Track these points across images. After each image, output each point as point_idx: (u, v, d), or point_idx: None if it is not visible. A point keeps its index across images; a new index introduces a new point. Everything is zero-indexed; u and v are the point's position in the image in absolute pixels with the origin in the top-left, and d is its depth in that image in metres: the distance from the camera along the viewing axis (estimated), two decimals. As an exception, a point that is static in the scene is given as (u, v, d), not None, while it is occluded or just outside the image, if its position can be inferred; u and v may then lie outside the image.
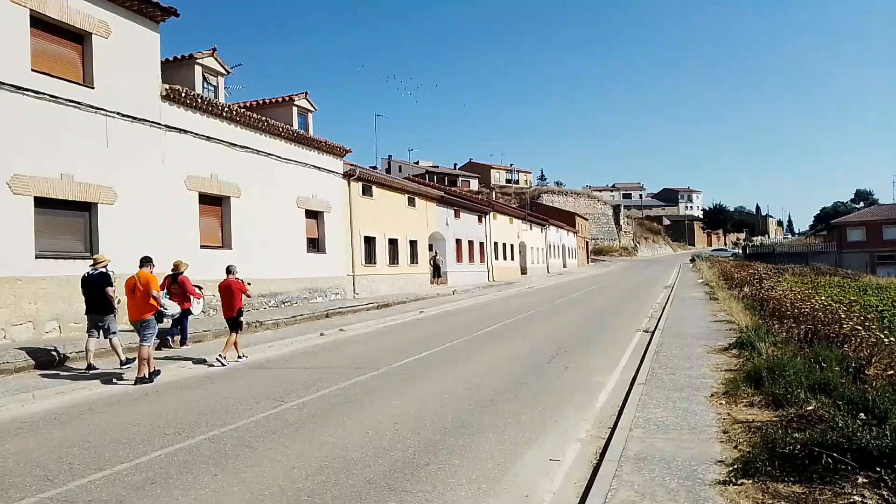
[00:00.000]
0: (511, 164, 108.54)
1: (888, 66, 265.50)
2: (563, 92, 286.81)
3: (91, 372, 10.03)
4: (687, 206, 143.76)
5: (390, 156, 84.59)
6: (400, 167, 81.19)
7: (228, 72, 18.31)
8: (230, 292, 11.54)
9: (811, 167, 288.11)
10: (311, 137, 21.52)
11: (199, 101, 16.36)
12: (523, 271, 49.89)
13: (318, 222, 22.26)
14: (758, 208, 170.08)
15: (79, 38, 13.64)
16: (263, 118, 18.88)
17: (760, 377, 7.87)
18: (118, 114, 14.11)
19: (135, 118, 14.55)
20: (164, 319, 11.55)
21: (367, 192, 25.45)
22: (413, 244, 29.73)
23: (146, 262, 10.24)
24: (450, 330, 15.94)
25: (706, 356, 10.62)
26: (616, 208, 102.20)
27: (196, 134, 16.48)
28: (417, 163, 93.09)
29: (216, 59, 17.76)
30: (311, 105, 22.50)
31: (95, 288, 10.38)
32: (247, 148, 18.42)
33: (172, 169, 15.67)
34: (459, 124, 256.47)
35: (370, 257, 25.56)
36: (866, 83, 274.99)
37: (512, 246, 47.17)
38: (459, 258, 36.17)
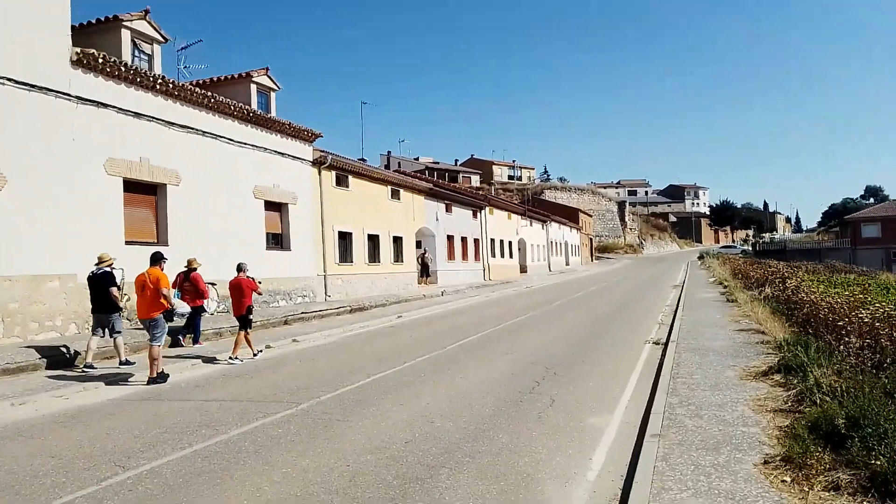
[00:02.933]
0: (514, 161, 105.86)
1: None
2: (568, 88, 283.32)
3: (90, 372, 9.86)
4: (693, 203, 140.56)
5: (389, 151, 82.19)
6: (399, 163, 78.70)
7: (166, 39, 15.68)
8: (240, 290, 11.28)
9: (819, 163, 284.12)
10: (271, 118, 18.88)
11: (124, 69, 13.74)
12: (523, 269, 47.21)
13: (281, 215, 19.63)
14: (765, 205, 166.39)
15: (-46, -14, 11.07)
16: (209, 94, 16.25)
17: (836, 431, 5.22)
18: (8, 80, 11.51)
19: (32, 86, 11.95)
20: (174, 318, 11.35)
21: (341, 182, 22.80)
22: (397, 241, 27.08)
23: (157, 259, 9.95)
24: (420, 342, 13.29)
25: (740, 384, 7.94)
26: (621, 205, 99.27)
27: (120, 109, 13.87)
28: (417, 159, 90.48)
29: (149, 23, 15.12)
30: (274, 83, 19.87)
31: (100, 287, 10.44)
32: (189, 128, 15.81)
33: (87, 150, 13.07)
34: (461, 121, 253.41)
35: (346, 255, 22.91)
36: (874, 78, 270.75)
37: (510, 243, 44.48)
38: (451, 256, 33.50)
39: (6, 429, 6.85)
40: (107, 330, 10.47)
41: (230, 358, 10.90)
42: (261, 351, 11.64)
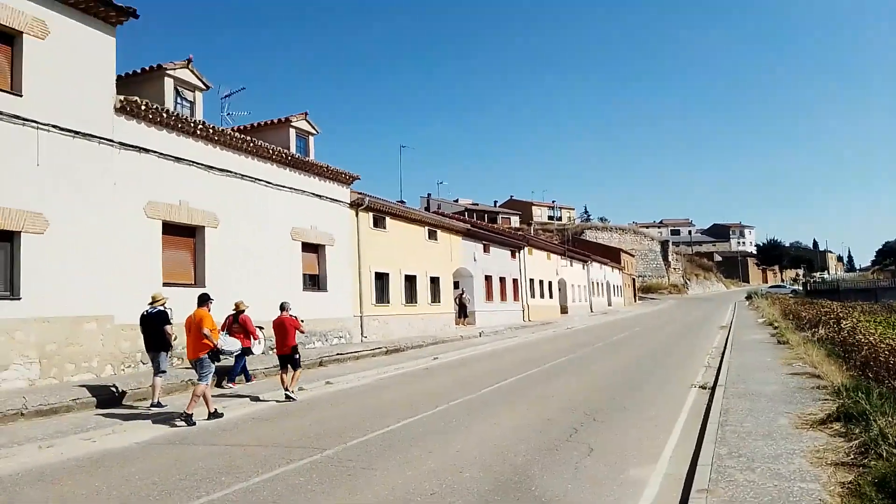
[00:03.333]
0: (553, 201, 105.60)
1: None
2: (607, 128, 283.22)
3: (158, 410, 10.10)
4: (739, 242, 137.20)
5: (429, 194, 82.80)
6: (439, 205, 79.24)
7: (208, 87, 16.08)
8: (284, 329, 11.59)
9: (870, 199, 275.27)
10: (309, 162, 19.10)
11: (165, 115, 14.09)
12: (563, 310, 46.36)
13: (318, 257, 19.67)
14: (815, 243, 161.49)
15: (7, 39, 11.54)
16: (248, 138, 16.53)
17: (908, 489, 4.68)
18: (54, 127, 11.87)
19: (77, 133, 12.29)
20: (222, 357, 11.15)
21: (378, 223, 22.84)
22: (434, 281, 26.87)
23: (204, 300, 10.21)
24: (454, 385, 12.91)
25: (795, 433, 7.35)
26: (664, 244, 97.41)
27: (161, 154, 14.16)
28: (457, 201, 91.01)
29: (192, 71, 15.56)
30: (313, 127, 20.17)
31: (154, 325, 10.69)
32: (228, 171, 16.05)
33: (128, 193, 13.32)
34: (500, 162, 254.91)
35: (382, 296, 22.78)
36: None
37: (550, 283, 43.83)
38: (490, 296, 33.10)
39: (30, 473, 6.75)
40: (154, 368, 10.72)
41: (287, 394, 11.32)
42: (300, 390, 11.93)
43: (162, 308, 10.88)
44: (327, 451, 7.33)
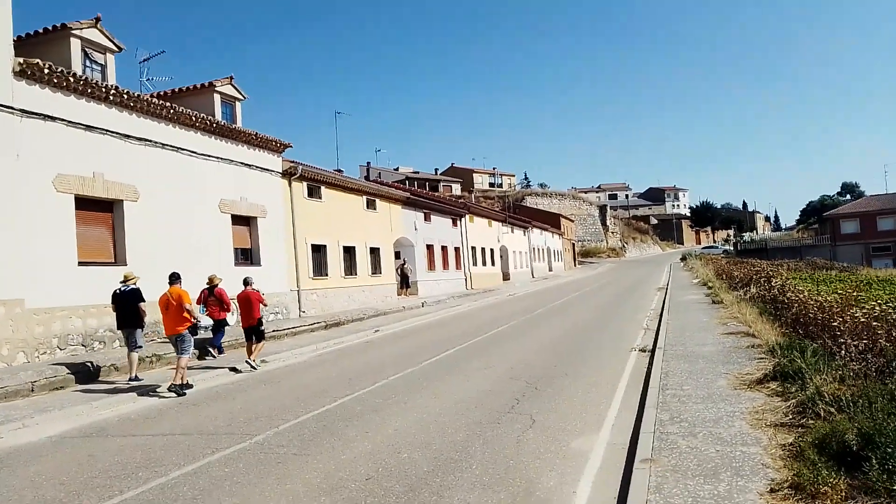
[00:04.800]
0: (494, 168, 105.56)
1: (871, 59, 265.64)
2: (545, 93, 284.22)
3: (134, 384, 10.29)
4: (674, 205, 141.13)
5: (369, 163, 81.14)
6: (379, 174, 77.99)
7: (120, 48, 14.87)
8: (249, 303, 12.10)
9: (795, 162, 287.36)
10: (236, 129, 18.10)
11: (72, 80, 12.94)
12: (505, 277, 46.61)
13: (250, 230, 18.84)
14: (745, 204, 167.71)
15: None
16: (168, 105, 15.45)
17: (848, 450, 4.62)
18: (-60, 93, 10.70)
19: (-32, 99, 11.13)
20: (199, 331, 11.65)
21: (313, 193, 22.06)
22: (375, 252, 26.34)
23: (175, 278, 10.53)
24: (394, 359, 12.59)
25: (734, 394, 7.35)
26: (602, 209, 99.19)
27: (70, 122, 13.04)
28: (397, 169, 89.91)
29: (101, 31, 14.32)
30: (239, 92, 19.12)
31: (128, 303, 10.81)
32: (147, 141, 15.00)
33: (33, 166, 12.22)
34: (440, 130, 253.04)
35: (320, 269, 22.12)
36: (850, 75, 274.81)
37: (492, 250, 43.87)
38: (432, 266, 32.80)
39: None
40: (128, 344, 10.90)
41: (249, 363, 11.84)
42: (262, 362, 12.36)
43: (134, 286, 11.04)
44: (257, 436, 6.88)
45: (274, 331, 16.68)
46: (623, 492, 4.72)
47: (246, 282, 12.55)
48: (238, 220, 18.18)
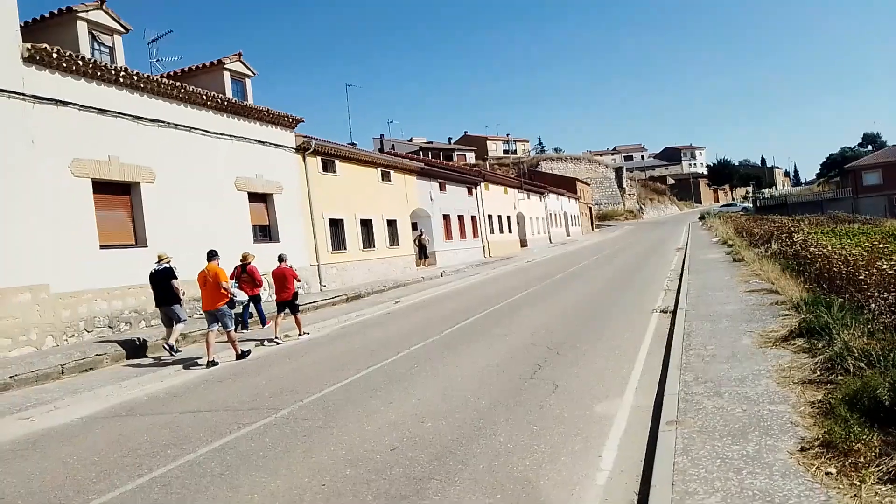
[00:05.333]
0: (508, 135, 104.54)
1: (890, 8, 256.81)
2: (557, 56, 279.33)
3: (177, 355, 10.93)
4: (691, 164, 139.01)
5: (382, 135, 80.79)
6: (393, 145, 77.66)
7: (127, 29, 14.77)
8: (284, 278, 12.76)
9: (814, 114, 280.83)
10: (247, 106, 18.03)
11: (81, 63, 12.91)
12: (523, 244, 46.47)
13: (267, 206, 18.88)
14: (763, 160, 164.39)
15: None
16: (178, 84, 15.39)
17: (881, 405, 4.54)
18: (-48, 82, 10.72)
19: (-20, 88, 11.15)
20: (235, 305, 12.11)
21: (328, 167, 22.00)
22: (392, 224, 26.32)
23: (213, 255, 10.95)
24: (416, 329, 12.64)
25: (760, 353, 7.26)
26: (618, 171, 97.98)
27: (82, 106, 13.05)
28: (411, 140, 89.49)
29: (107, 13, 14.22)
30: (248, 69, 18.98)
31: (162, 282, 11.38)
32: (160, 122, 14.99)
33: (49, 152, 12.28)
34: (452, 98, 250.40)
35: (338, 242, 22.18)
36: (867, 26, 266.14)
37: (508, 218, 43.69)
38: (449, 235, 32.76)
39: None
40: (170, 319, 11.37)
41: (290, 336, 12.72)
42: (305, 334, 12.99)
43: (168, 265, 11.54)
44: (282, 410, 6.95)
45: (298, 305, 16.80)
46: (650, 454, 4.69)
47: (281, 258, 13.28)
48: (255, 197, 18.21)
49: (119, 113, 13.92)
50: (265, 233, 18.76)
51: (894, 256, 9.62)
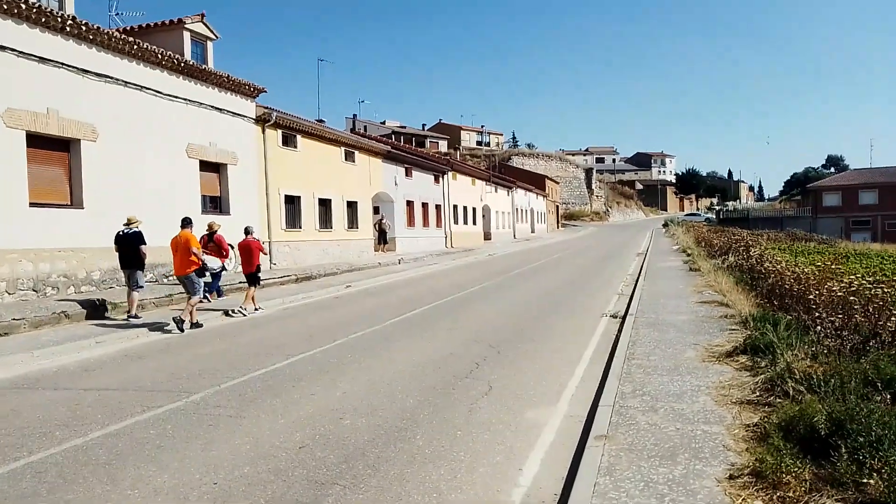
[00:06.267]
0: (482, 126, 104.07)
1: (859, 34, 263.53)
2: (536, 52, 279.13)
3: (134, 321, 10.86)
4: (660, 171, 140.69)
5: (355, 115, 79.61)
6: (365, 127, 76.56)
7: (78, -25, 13.94)
8: (250, 250, 12.79)
9: (781, 132, 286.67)
10: (206, 70, 17.22)
11: (24, 6, 12.03)
12: (487, 237, 46.24)
13: (219, 177, 18.14)
14: (730, 173, 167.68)
15: None
16: (131, 39, 14.56)
17: (816, 435, 4.28)
18: None
19: None
20: (206, 274, 12.09)
21: (289, 142, 21.29)
22: (352, 206, 25.72)
23: (187, 223, 11.09)
24: (360, 316, 12.20)
25: (702, 367, 7.03)
26: (588, 172, 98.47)
27: (21, 52, 12.19)
28: (384, 123, 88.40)
29: (56, -44, 13.35)
30: (211, 31, 18.14)
31: (131, 245, 11.35)
32: (108, 77, 14.16)
33: (-21, 98, 11.45)
34: (430, 84, 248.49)
35: (293, 220, 21.53)
36: (838, 50, 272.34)
37: (474, 209, 43.36)
38: (411, 222, 32.26)
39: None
40: (130, 283, 11.35)
41: (240, 309, 12.37)
42: (258, 309, 12.75)
43: (137, 229, 11.44)
44: (194, 395, 6.45)
45: (241, 282, 16.17)
46: (573, 472, 4.36)
47: (247, 231, 13.31)
48: (207, 165, 17.46)
49: (63, 64, 13.08)
50: (215, 204, 18.04)
51: (845, 278, 9.51)
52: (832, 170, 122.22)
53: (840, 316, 7.99)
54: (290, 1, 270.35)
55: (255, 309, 12.68)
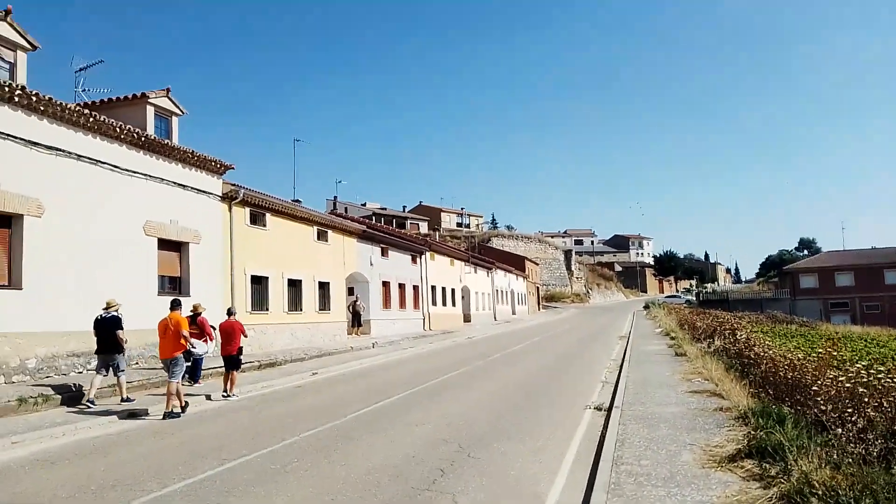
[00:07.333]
0: (462, 208, 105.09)
1: (829, 119, 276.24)
2: (515, 137, 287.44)
3: (92, 407, 10.48)
4: (638, 253, 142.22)
5: (335, 196, 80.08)
6: (346, 209, 76.76)
7: (34, 46, 13.34)
8: (233, 332, 12.66)
9: (755, 216, 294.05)
10: (169, 145, 16.56)
11: (-32, 76, 11.40)
12: (466, 318, 45.15)
13: (180, 256, 17.15)
14: (706, 256, 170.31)
15: None
16: (86, 111, 13.92)
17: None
18: None
19: None
20: (192, 358, 12.22)
21: (257, 220, 20.50)
22: (324, 287, 24.69)
23: (176, 305, 11.06)
24: (319, 409, 11.02)
25: (703, 475, 6.00)
26: (567, 254, 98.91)
27: (-39, 123, 11.45)
28: (364, 204, 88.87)
29: (11, 25, 12.80)
30: (176, 106, 17.64)
31: (108, 330, 11.20)
32: (59, 150, 13.38)
33: None
34: (410, 167, 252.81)
35: (261, 302, 20.42)
36: (810, 135, 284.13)
37: (453, 290, 42.48)
38: (387, 304, 31.20)
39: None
40: (111, 369, 11.21)
41: (224, 395, 12.31)
42: (230, 396, 12.38)
43: (115, 314, 11.38)
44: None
45: (215, 367, 14.94)
46: None
47: (229, 312, 13.26)
48: (166, 244, 16.49)
49: (9, 135, 12.31)
50: (174, 284, 16.96)
51: (849, 366, 8.66)
52: (805, 252, 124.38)
53: (849, 411, 7.09)
54: (272, 82, 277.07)
55: (225, 395, 12.41)
